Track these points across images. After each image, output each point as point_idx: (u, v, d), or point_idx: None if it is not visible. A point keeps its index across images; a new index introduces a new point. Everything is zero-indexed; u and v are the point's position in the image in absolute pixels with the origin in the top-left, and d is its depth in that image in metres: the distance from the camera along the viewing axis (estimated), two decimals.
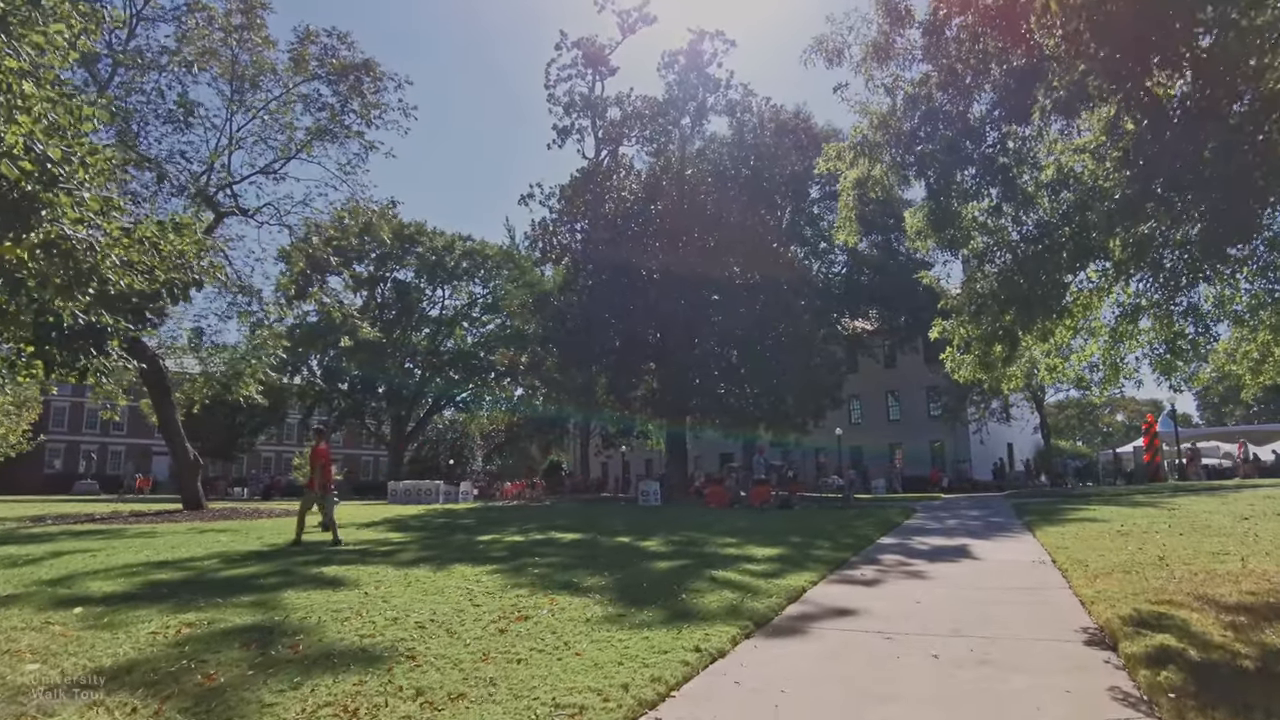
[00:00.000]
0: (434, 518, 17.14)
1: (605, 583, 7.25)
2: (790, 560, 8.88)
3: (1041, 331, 6.87)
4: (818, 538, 11.48)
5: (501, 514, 18.54)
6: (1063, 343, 7.73)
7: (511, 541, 11.12)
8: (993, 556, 9.45)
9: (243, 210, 19.70)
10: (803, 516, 16.58)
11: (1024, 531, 12.76)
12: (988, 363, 7.34)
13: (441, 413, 63.60)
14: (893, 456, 44.70)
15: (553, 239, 30.15)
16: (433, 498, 26.89)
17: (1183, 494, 21.23)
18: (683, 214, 28.05)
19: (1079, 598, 6.39)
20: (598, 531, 12.67)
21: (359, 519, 16.75)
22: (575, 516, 17.29)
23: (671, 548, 10.20)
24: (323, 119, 19.42)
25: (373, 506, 23.86)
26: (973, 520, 15.68)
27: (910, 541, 11.49)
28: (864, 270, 36.71)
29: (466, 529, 13.73)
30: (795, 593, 6.86)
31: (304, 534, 11.17)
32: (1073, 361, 8.10)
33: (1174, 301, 8.17)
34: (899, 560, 9.21)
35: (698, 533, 12.31)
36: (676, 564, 8.59)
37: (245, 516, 18.39)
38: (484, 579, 7.56)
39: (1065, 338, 7.68)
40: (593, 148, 30.18)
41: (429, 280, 52.81)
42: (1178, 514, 14.09)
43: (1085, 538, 10.59)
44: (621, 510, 20.17)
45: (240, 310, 19.80)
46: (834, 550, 9.86)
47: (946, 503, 23.78)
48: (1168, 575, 7.19)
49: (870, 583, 7.58)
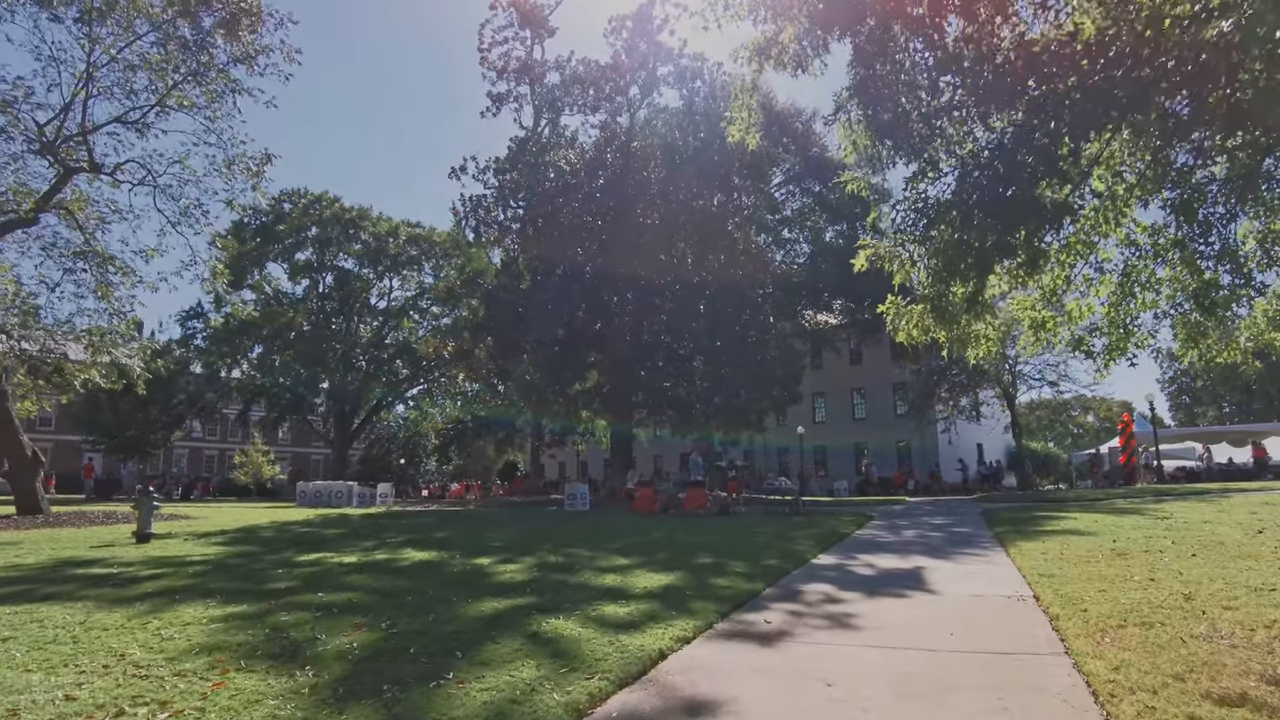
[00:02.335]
0: (301, 526, 14.42)
1: (355, 646, 4.67)
2: (675, 597, 6.36)
3: (1027, 259, 4.43)
4: (736, 557, 8.99)
5: (391, 522, 15.83)
6: (1056, 287, 5.30)
7: (331, 565, 8.49)
8: (954, 588, 7.02)
9: (97, 166, 16.68)
10: (737, 526, 14.11)
11: (994, 547, 10.41)
12: (945, 312, 4.88)
13: (390, 409, 60.38)
14: (858, 456, 42.61)
15: (487, 216, 27.41)
16: (344, 500, 24.07)
17: (1167, 499, 19.20)
18: (627, 189, 25.51)
19: (1086, 678, 3.93)
20: (464, 550, 10.07)
21: (212, 527, 13.98)
22: (469, 526, 14.67)
23: (531, 574, 7.64)
24: (196, 63, 16.47)
25: (263, 510, 20.97)
26: (934, 531, 13.32)
27: (853, 562, 9.04)
28: (827, 258, 34.42)
29: (311, 544, 11.05)
30: (644, 662, 4.34)
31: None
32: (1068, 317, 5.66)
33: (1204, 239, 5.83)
34: (827, 595, 6.73)
35: (588, 550, 9.77)
36: (509, 604, 6.04)
37: (92, 522, 15.50)
38: (189, 631, 4.97)
39: (1059, 278, 5.25)
40: (531, 117, 27.52)
41: (371, 268, 49.61)
42: (1174, 525, 11.86)
43: (1073, 558, 8.23)
44: (540, 517, 17.59)
45: (98, 283, 16.74)
46: (745, 578, 7.37)
47: (909, 508, 21.51)
48: (1210, 631, 4.78)
49: (770, 639, 5.08)
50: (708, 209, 26.69)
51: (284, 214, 48.87)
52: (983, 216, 4.00)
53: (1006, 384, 32.00)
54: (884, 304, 5.44)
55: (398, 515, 18.89)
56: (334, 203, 49.27)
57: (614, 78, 26.76)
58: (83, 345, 17.24)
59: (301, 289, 51.13)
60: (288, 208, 49.17)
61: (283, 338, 46.96)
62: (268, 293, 50.44)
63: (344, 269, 49.82)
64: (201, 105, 16.19)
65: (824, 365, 43.58)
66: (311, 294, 50.73)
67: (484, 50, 26.99)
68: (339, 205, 49.19)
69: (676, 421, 26.13)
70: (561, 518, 17.03)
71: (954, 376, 32.15)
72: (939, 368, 32.11)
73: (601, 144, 26.55)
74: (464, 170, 27.72)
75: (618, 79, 27.27)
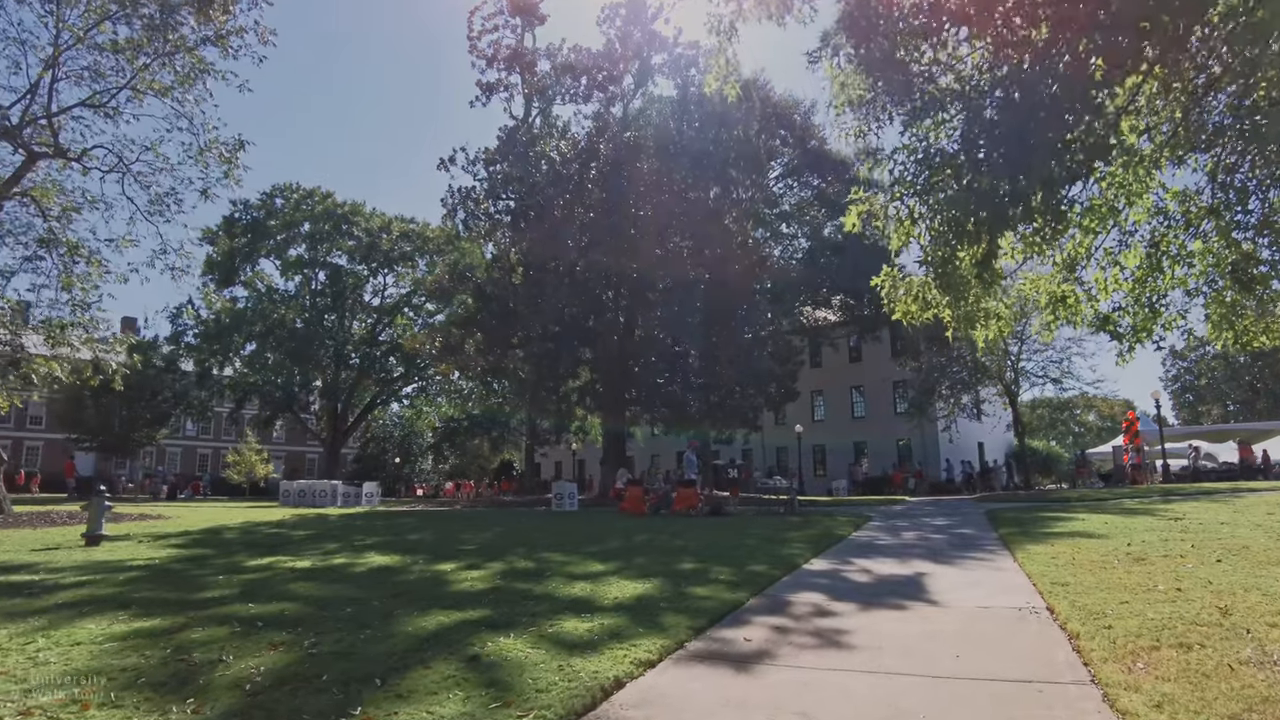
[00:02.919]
0: (271, 528, 13.74)
1: (260, 671, 3.99)
2: (647, 609, 5.69)
3: (1047, 218, 3.73)
4: (721, 562, 8.32)
5: (368, 523, 15.15)
6: (1078, 256, 4.61)
7: (280, 570, 7.83)
8: (959, 599, 6.34)
9: (63, 151, 15.99)
10: (728, 527, 13.43)
11: (1000, 550, 9.72)
12: (950, 281, 4.18)
13: (385, 408, 59.68)
14: (857, 455, 41.94)
15: (477, 209, 26.71)
16: (328, 500, 23.40)
17: (1175, 499, 18.51)
18: (620, 181, 24.82)
19: (1122, 718, 3.26)
20: (431, 554, 9.39)
21: (176, 528, 13.31)
22: (448, 528, 14.00)
23: (494, 583, 6.96)
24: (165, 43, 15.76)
25: (242, 510, 20.28)
26: (936, 534, 12.63)
27: (848, 568, 8.35)
28: (826, 253, 33.69)
29: (271, 547, 10.37)
30: (594, 694, 3.66)
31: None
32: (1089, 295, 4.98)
33: (1242, 207, 5.15)
34: (817, 606, 6.05)
35: (563, 554, 9.10)
36: (458, 619, 5.36)
37: (54, 523, 14.84)
38: (73, 653, 4.30)
39: (1082, 247, 4.56)
40: (521, 106, 26.83)
41: (364, 263, 48.86)
42: (1189, 527, 11.16)
43: (1087, 564, 7.55)
44: (525, 517, 16.93)
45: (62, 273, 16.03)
46: (728, 587, 6.69)
47: (909, 508, 20.84)
48: (1260, 655, 4.10)
49: (748, 662, 4.40)
50: (703, 201, 26.01)
51: (276, 209, 48.25)
52: (997, 161, 3.32)
53: (1009, 381, 31.33)
54: (878, 278, 4.74)
55: (379, 516, 18.22)
56: (326, 198, 48.62)
57: (607, 66, 26.10)
58: (43, 338, 16.58)
59: (294, 285, 50.41)
60: (280, 203, 48.54)
61: (275, 335, 46.24)
62: (260, 289, 49.78)
63: (337, 265, 49.10)
64: (172, 87, 15.47)
65: (823, 363, 42.94)
66: (304, 290, 50.01)
67: (473, 38, 26.34)
68: (331, 200, 48.54)
69: (670, 419, 25.44)
70: (547, 519, 16.35)
71: (955, 374, 31.48)
72: (940, 364, 31.45)
73: (594, 134, 25.85)
74: (453, 161, 27.03)
75: (611, 68, 26.61)
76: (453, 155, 27.01)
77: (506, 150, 25.66)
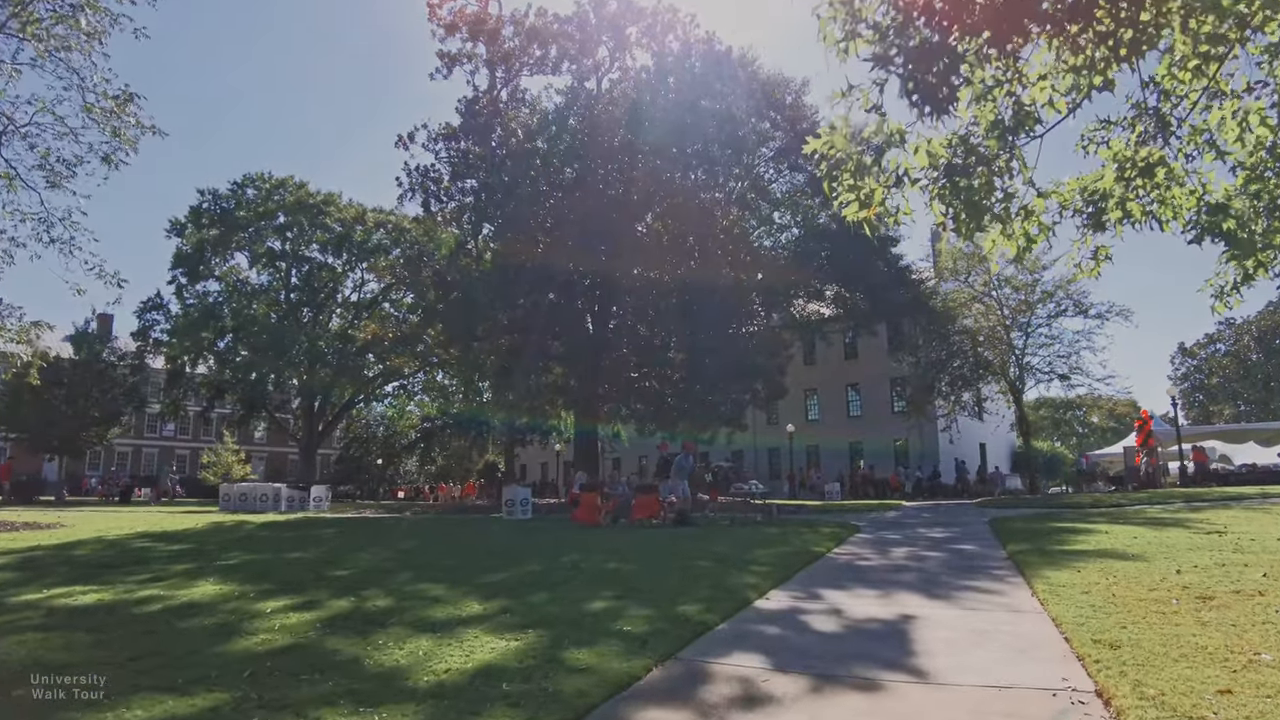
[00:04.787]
0: (145, 540, 11.66)
1: None
2: (475, 701, 3.65)
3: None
4: (646, 598, 6.28)
5: (274, 534, 13.09)
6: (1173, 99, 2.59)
7: (42, 608, 5.79)
8: (960, 669, 4.29)
9: None
10: (690, 541, 11.38)
11: (1012, 576, 7.71)
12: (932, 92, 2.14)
13: (365, 407, 57.57)
14: (853, 456, 39.94)
15: (438, 189, 24.71)
16: (269, 504, 21.36)
17: (1203, 505, 16.49)
18: (592, 159, 22.80)
19: None
20: (281, 583, 7.35)
21: (45, 538, 11.27)
22: (354, 541, 11.97)
23: (299, 638, 4.91)
24: None
25: (155, 517, 18.15)
26: (931, 550, 10.58)
27: (812, 607, 6.31)
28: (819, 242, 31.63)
29: (97, 569, 8.31)
30: None
31: None
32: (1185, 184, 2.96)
33: None
34: (747, 686, 3.99)
35: (446, 588, 7.06)
36: (164, 715, 3.32)
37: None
38: None
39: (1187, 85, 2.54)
40: (486, 79, 24.83)
41: (336, 256, 46.75)
42: (1240, 544, 9.13)
43: (1135, 605, 5.51)
44: (462, 529, 14.90)
45: None
46: (629, 646, 4.63)
47: (903, 515, 18.80)
48: None
49: None
50: (684, 181, 24.01)
51: (247, 200, 46.28)
52: None
53: (1014, 378, 29.31)
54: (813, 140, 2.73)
55: (306, 524, 16.17)
56: (300, 188, 46.60)
57: (579, 35, 24.08)
58: None
59: (266, 279, 48.32)
60: (251, 193, 46.57)
61: (247, 330, 44.16)
62: (232, 282, 47.73)
63: (310, 258, 47.03)
64: (45, 22, 13.32)
65: (816, 359, 40.95)
66: (277, 284, 47.94)
67: (433, 4, 24.31)
68: (304, 190, 46.49)
69: (646, 417, 23.40)
70: (484, 530, 14.32)
71: (956, 369, 29.46)
72: (939, 359, 29.46)
73: (564, 107, 23.83)
74: (413, 139, 25.03)
75: (584, 39, 24.61)
76: (412, 132, 24.99)
77: (469, 126, 23.65)
